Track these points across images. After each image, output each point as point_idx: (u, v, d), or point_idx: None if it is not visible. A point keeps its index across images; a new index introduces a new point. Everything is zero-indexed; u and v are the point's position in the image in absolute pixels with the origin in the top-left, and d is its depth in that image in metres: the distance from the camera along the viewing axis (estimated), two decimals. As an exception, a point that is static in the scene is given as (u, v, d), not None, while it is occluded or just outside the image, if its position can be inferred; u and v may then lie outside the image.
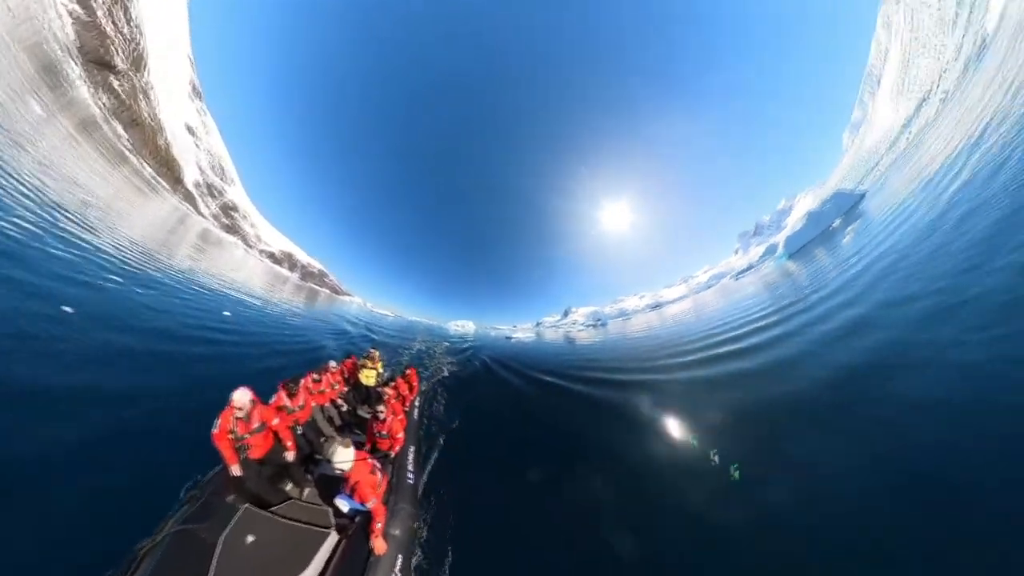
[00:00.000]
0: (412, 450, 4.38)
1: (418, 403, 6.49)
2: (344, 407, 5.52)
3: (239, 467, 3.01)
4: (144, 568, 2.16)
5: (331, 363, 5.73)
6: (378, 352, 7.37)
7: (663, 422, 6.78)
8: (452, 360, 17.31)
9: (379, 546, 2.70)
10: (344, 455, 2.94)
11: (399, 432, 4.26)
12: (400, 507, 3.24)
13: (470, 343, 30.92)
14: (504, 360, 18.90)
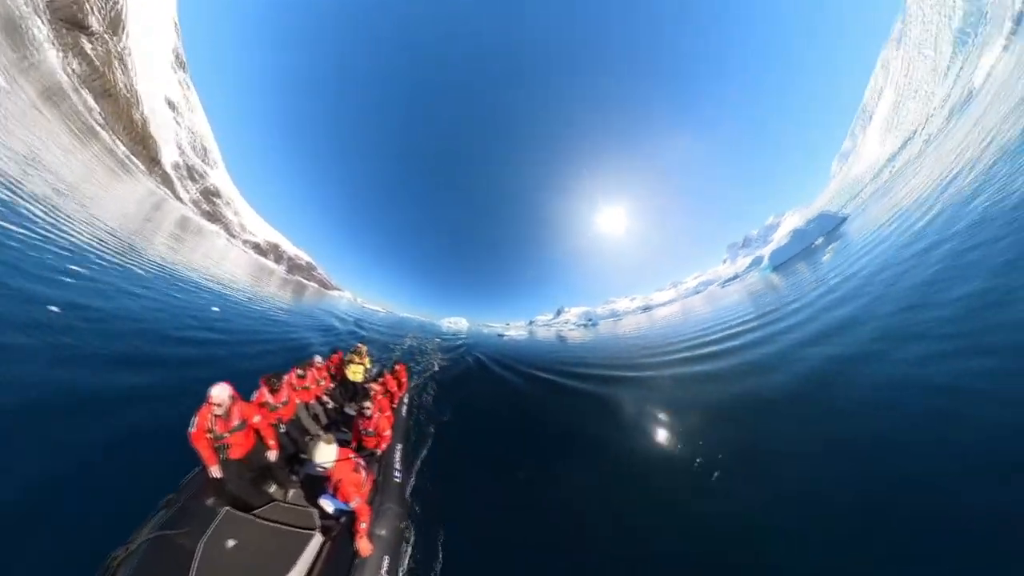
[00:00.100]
0: (400, 448, 4.30)
1: (407, 400, 6.42)
2: (330, 404, 5.41)
3: (219, 468, 2.89)
4: None
5: (316, 358, 5.57)
6: (365, 347, 7.21)
7: (650, 417, 7.18)
8: (444, 357, 17.21)
9: (364, 547, 2.64)
10: (326, 453, 2.86)
11: (386, 429, 4.19)
12: (387, 507, 3.18)
13: (463, 340, 30.74)
14: (496, 357, 18.97)
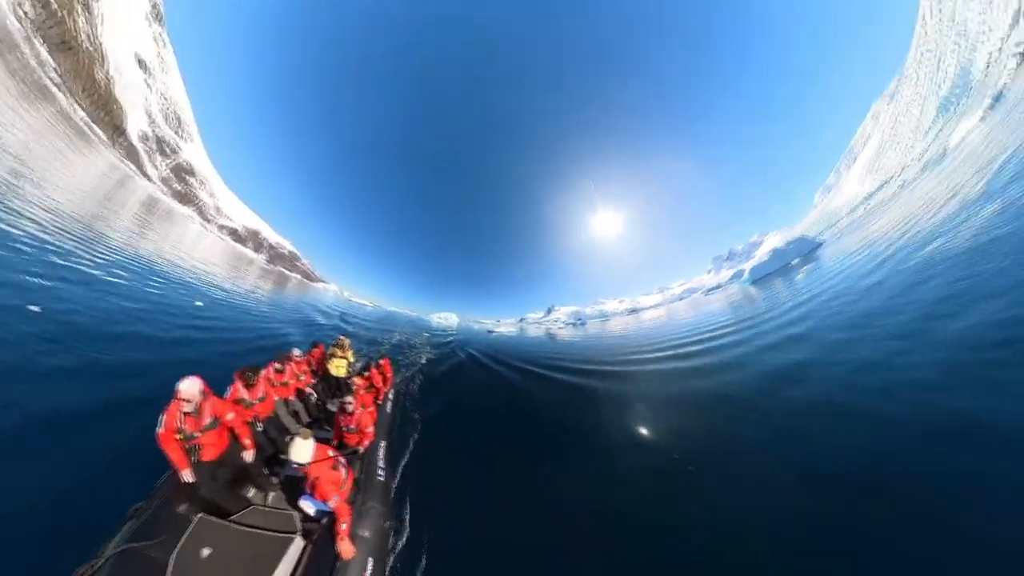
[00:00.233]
0: (383, 445, 4.19)
1: (392, 396, 6.25)
2: (313, 399, 5.25)
3: (190, 471, 2.69)
4: None
5: (295, 351, 5.27)
6: (348, 340, 6.90)
7: (634, 411, 7.71)
8: (432, 353, 17.09)
9: (346, 549, 2.53)
10: (302, 450, 2.71)
11: (368, 426, 4.06)
12: (369, 506, 3.07)
13: (452, 336, 30.50)
14: (488, 352, 19.24)
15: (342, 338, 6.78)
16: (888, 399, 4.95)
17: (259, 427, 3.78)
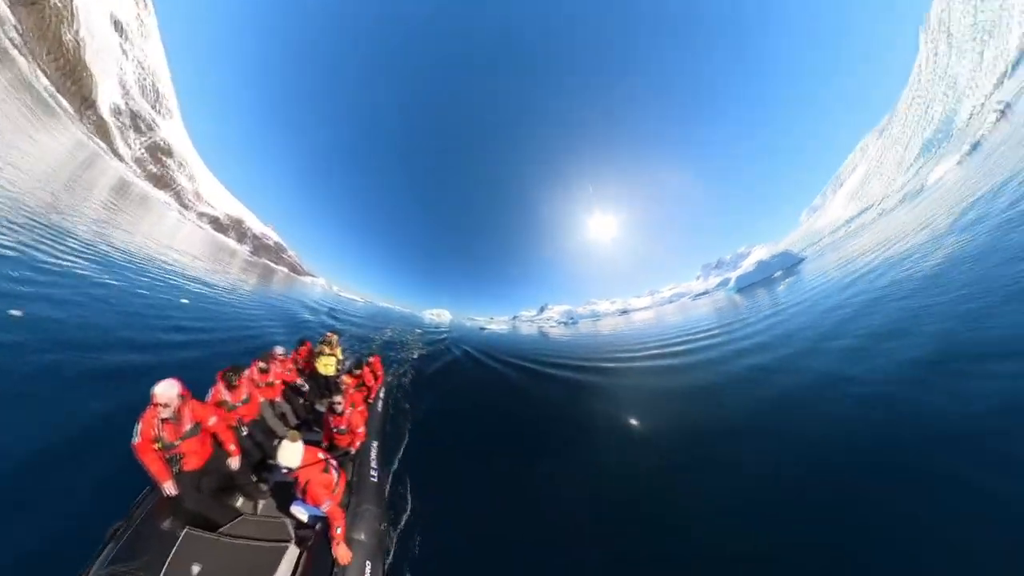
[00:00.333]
0: (375, 445, 4.08)
1: (383, 394, 6.09)
2: (301, 400, 5.10)
3: (172, 483, 2.51)
4: None
5: (277, 349, 5.01)
6: (336, 337, 6.67)
7: (624, 405, 8.33)
8: (424, 350, 17.06)
9: (342, 554, 2.46)
10: (291, 453, 2.60)
11: (359, 426, 3.97)
12: (364, 508, 3.00)
13: (446, 333, 30.44)
14: (483, 349, 19.57)
15: (330, 335, 6.53)
16: (843, 396, 5.86)
17: (244, 431, 3.64)
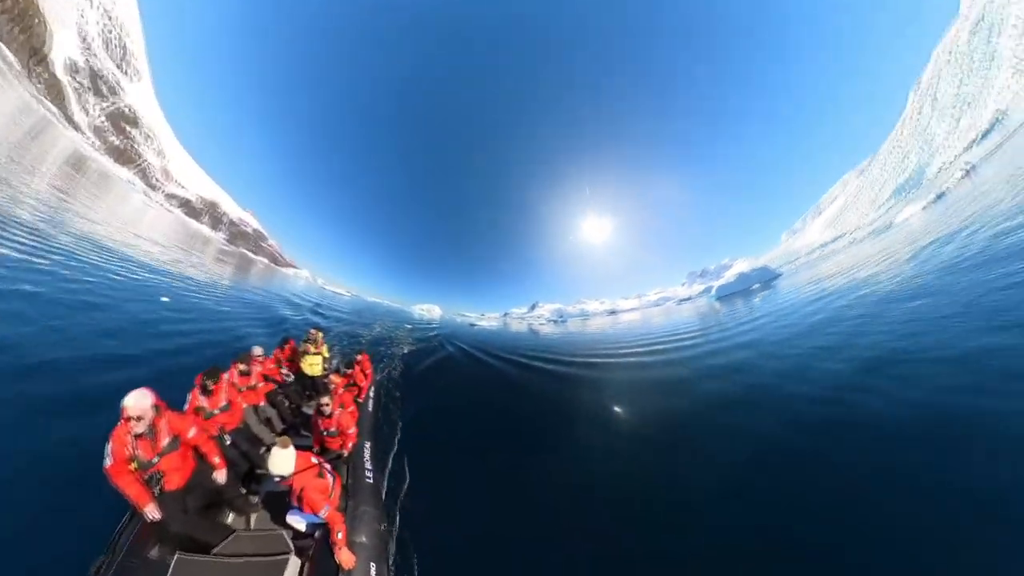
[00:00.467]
0: (368, 446, 4.01)
1: (373, 393, 5.93)
2: (287, 403, 4.91)
3: (155, 507, 2.25)
4: None
5: (255, 349, 4.71)
6: (321, 334, 6.31)
7: (613, 400, 8.88)
8: (415, 346, 16.94)
9: (346, 559, 2.40)
10: (283, 460, 2.47)
11: (350, 427, 3.85)
12: (362, 510, 2.94)
13: (437, 329, 30.18)
14: (476, 345, 20.13)
15: (314, 332, 6.11)
16: (804, 393, 6.68)
17: (227, 441, 3.46)
